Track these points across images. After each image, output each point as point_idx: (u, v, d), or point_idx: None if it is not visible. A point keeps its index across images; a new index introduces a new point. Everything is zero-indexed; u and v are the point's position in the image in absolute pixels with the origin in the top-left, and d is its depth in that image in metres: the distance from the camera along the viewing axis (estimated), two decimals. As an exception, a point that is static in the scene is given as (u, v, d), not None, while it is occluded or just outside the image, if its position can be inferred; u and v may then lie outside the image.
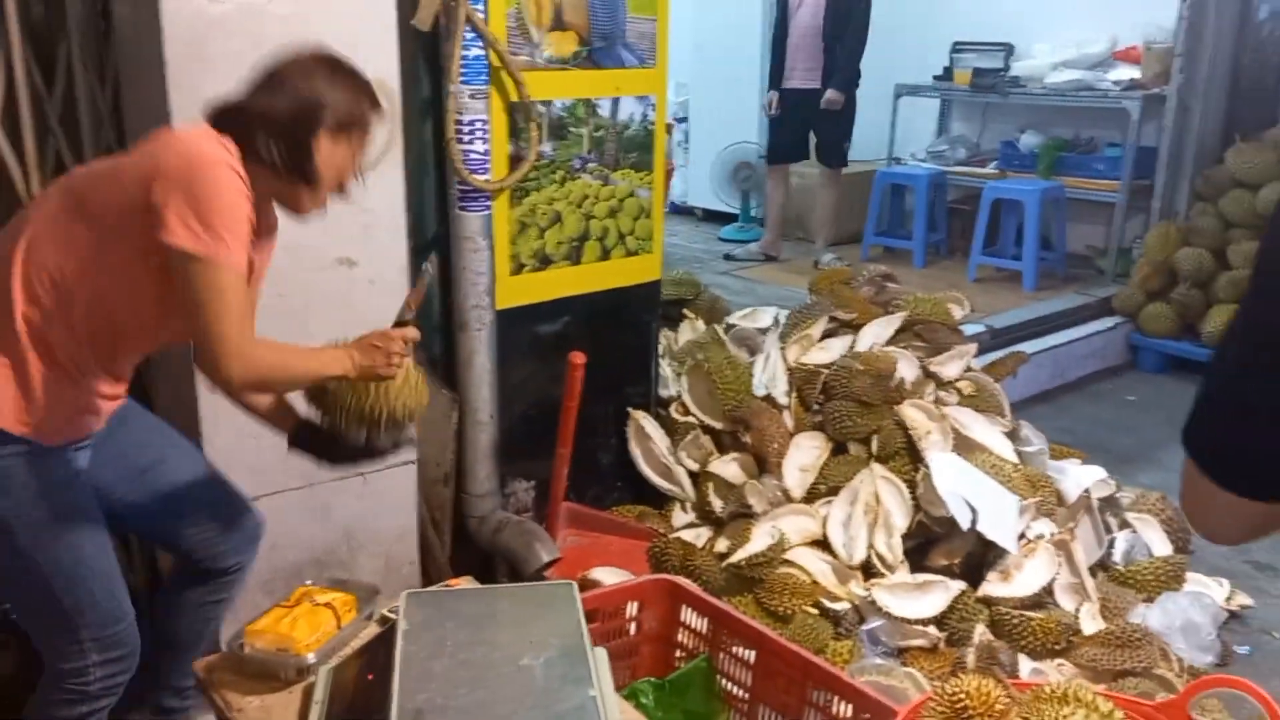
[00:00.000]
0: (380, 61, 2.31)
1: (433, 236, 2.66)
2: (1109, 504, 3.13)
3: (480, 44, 2.46)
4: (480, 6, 2.44)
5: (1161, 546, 3.02)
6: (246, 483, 2.26)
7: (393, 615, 1.81)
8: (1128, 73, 5.58)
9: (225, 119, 1.67)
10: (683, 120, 7.40)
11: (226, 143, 1.62)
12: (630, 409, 3.05)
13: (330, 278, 2.34)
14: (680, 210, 7.42)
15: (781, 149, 6.00)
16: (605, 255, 2.91)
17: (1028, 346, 4.66)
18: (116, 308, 1.67)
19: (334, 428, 1.81)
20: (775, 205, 6.16)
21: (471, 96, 2.49)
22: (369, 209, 2.34)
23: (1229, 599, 2.96)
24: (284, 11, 2.14)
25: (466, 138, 2.51)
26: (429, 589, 1.98)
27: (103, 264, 1.64)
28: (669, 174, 6.61)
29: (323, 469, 1.95)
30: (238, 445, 2.29)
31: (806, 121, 5.79)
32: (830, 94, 5.57)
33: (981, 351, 4.36)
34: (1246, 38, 5.33)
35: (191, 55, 2.05)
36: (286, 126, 1.65)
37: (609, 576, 2.54)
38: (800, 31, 5.66)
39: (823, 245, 5.99)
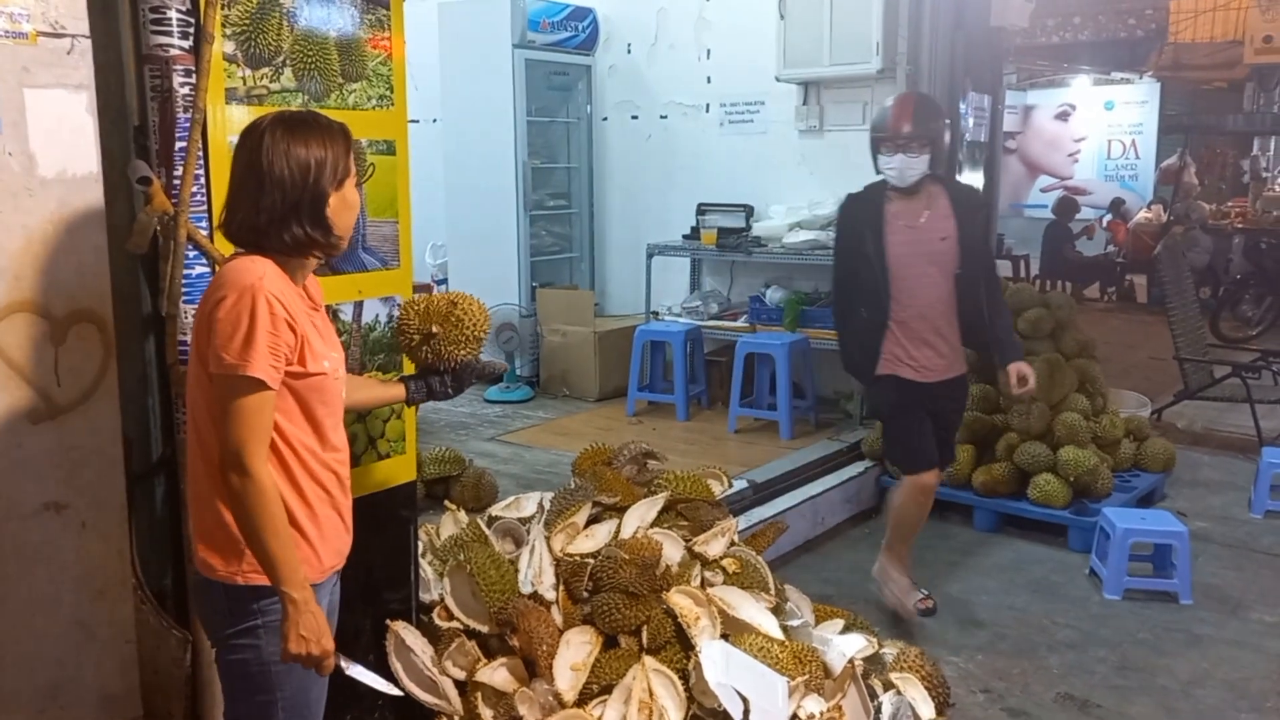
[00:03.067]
0: (90, 289, 2.15)
1: (158, 460, 2.45)
2: (873, 662, 3.21)
3: (205, 261, 2.34)
4: (204, 224, 2.33)
5: (925, 706, 3.11)
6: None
7: None
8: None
9: (244, 240, 1.85)
10: (442, 282, 7.38)
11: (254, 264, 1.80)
12: (389, 620, 2.89)
13: (33, 526, 2.11)
14: (445, 371, 7.32)
15: (926, 453, 3.89)
16: (356, 462, 2.78)
17: (787, 499, 4.83)
18: None
19: (452, 363, 2.28)
20: (908, 525, 4.02)
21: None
22: (75, 445, 2.14)
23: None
24: (-29, 247, 1.96)
25: (193, 358, 2.35)
26: None
27: None
28: (430, 339, 6.52)
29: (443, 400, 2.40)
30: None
31: (940, 415, 3.93)
32: (1021, 367, 3.84)
33: (745, 508, 4.50)
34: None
35: None
36: (302, 218, 1.81)
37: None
38: (920, 308, 3.77)
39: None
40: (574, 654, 2.85)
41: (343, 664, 1.88)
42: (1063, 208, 12.07)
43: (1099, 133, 14.29)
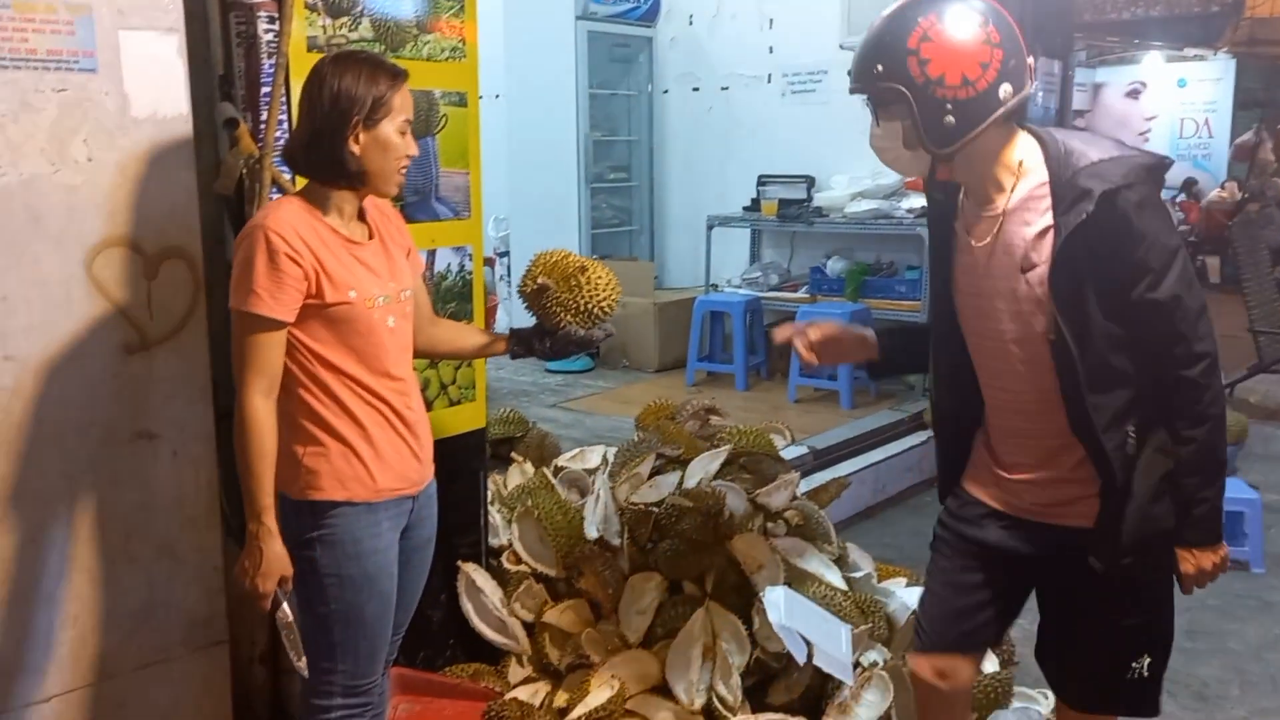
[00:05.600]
0: (181, 226, 2.24)
1: (242, 399, 2.54)
2: (936, 620, 3.22)
3: (287, 204, 2.41)
4: (286, 168, 2.40)
5: (989, 661, 3.11)
6: (31, 686, 2.07)
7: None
8: (920, 201, 6.00)
9: (289, 162, 1.97)
10: (504, 254, 7.47)
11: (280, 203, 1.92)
12: (460, 562, 2.96)
13: (127, 453, 2.20)
14: (506, 343, 7.42)
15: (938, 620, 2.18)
16: (428, 408, 2.85)
17: (849, 465, 4.83)
18: None
19: (554, 324, 2.20)
20: None
21: (280, 257, 2.42)
22: (166, 377, 2.23)
23: (1054, 710, 3.06)
24: (72, 181, 2.05)
25: (276, 298, 2.43)
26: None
27: None
28: (493, 309, 6.62)
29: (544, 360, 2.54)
30: (23, 644, 2.09)
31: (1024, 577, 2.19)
32: (1202, 561, 1.93)
33: (806, 473, 4.50)
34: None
35: (-33, 230, 1.93)
36: (323, 145, 1.87)
37: (444, 748, 2.41)
38: (994, 394, 2.04)
39: None
40: (639, 598, 2.89)
41: (279, 611, 1.93)
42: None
43: (1171, 111, 13.95)
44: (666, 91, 7.34)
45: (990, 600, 2.07)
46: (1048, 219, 1.79)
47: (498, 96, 7.18)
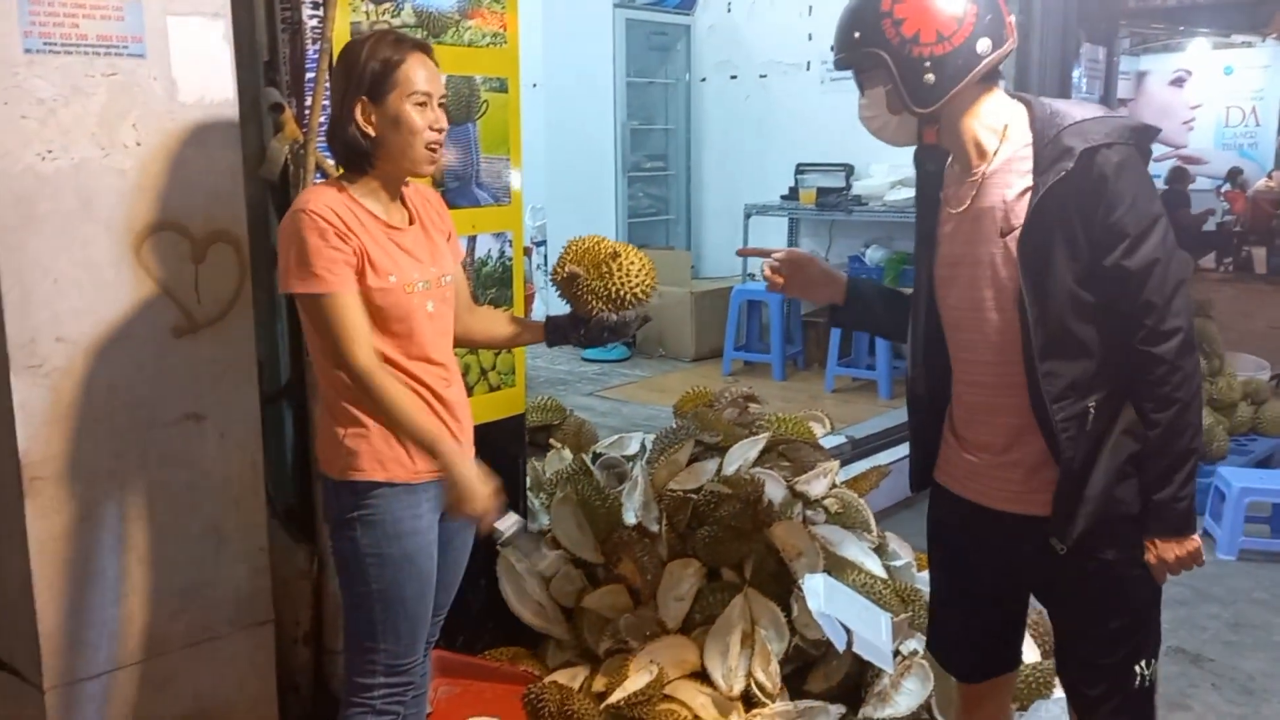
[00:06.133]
0: (227, 210, 2.26)
1: (286, 383, 2.57)
2: (976, 610, 3.19)
3: (331, 189, 2.43)
4: (330, 153, 2.42)
5: (1031, 651, 3.09)
6: (79, 661, 2.11)
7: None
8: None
9: (329, 144, 1.97)
10: (541, 244, 7.49)
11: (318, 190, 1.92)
12: (499, 546, 2.97)
13: (174, 434, 2.23)
14: (543, 332, 7.45)
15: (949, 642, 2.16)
16: (469, 392, 2.87)
17: (887, 455, 4.79)
18: None
19: (586, 311, 2.18)
20: None
21: (324, 241, 2.45)
22: (213, 359, 2.26)
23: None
24: (122, 165, 2.08)
25: (319, 282, 2.45)
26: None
27: None
28: (530, 297, 6.64)
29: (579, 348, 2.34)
30: (75, 621, 2.13)
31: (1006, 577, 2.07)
32: (1170, 551, 1.82)
33: (845, 462, 4.47)
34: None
35: (21, 215, 1.96)
36: (338, 128, 1.89)
37: (484, 730, 2.43)
38: (965, 368, 1.96)
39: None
40: (677, 584, 2.89)
41: (505, 519, 2.00)
42: (1174, 177, 11.65)
43: (1216, 99, 13.73)
44: (704, 80, 7.33)
45: (999, 618, 2.04)
46: (1028, 180, 1.74)
47: (535, 85, 7.19)
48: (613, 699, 2.55)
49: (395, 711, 2.06)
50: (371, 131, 1.88)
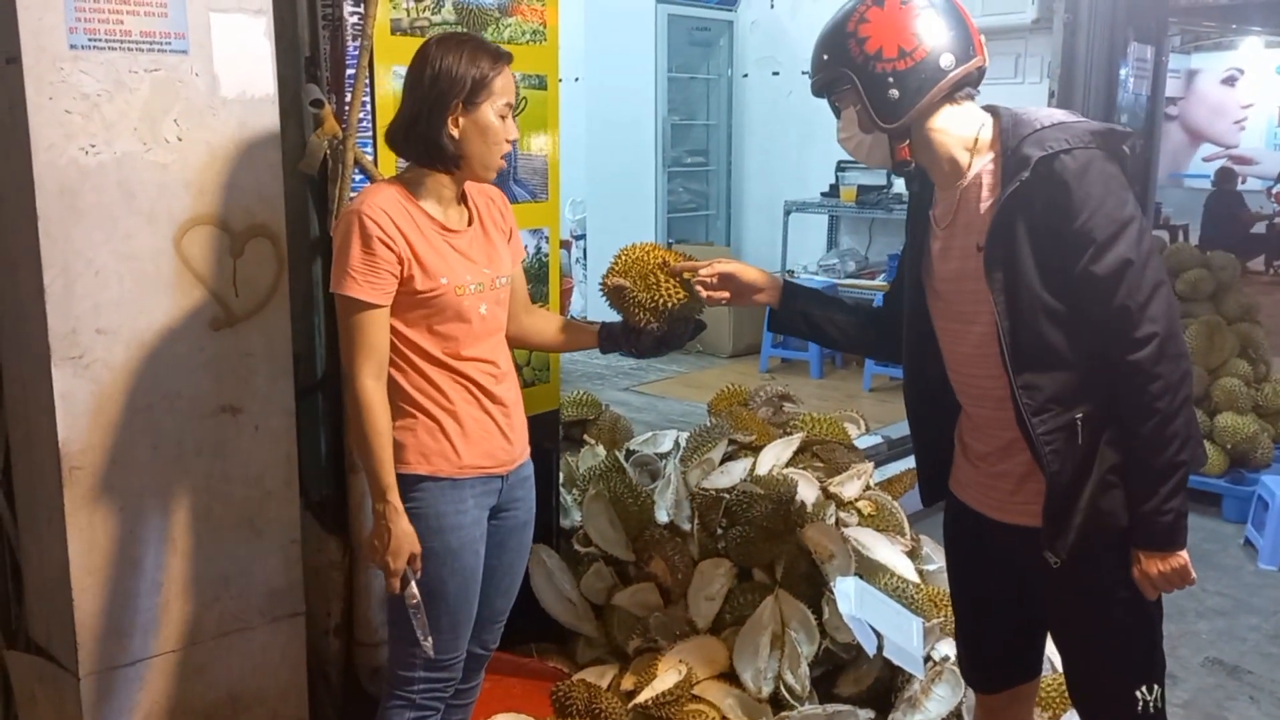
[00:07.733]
0: (266, 205, 2.28)
1: (322, 376, 2.59)
2: (1010, 617, 3.16)
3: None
4: (369, 149, 2.43)
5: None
6: (115, 649, 2.14)
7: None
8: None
9: (391, 143, 1.97)
10: (580, 237, 7.50)
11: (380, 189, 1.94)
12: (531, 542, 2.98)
13: (211, 426, 2.25)
14: (580, 325, 7.47)
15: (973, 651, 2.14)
16: (502, 388, 2.88)
17: (924, 456, 4.75)
18: None
19: (634, 322, 2.17)
20: None
21: (361, 236, 2.46)
22: (250, 353, 2.28)
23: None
24: (163, 160, 2.10)
25: (356, 277, 2.47)
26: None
27: None
28: (567, 292, 6.66)
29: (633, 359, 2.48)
30: (112, 609, 2.16)
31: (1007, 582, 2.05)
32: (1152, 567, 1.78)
33: (880, 463, 4.44)
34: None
35: (65, 206, 1.99)
36: (420, 127, 1.89)
37: (511, 725, 2.44)
38: (959, 382, 1.98)
39: None
40: (708, 584, 2.89)
41: (407, 590, 1.93)
42: (1222, 178, 11.43)
43: (1269, 98, 13.42)
44: (746, 75, 7.29)
45: (1012, 628, 2.02)
46: (997, 192, 1.75)
47: (577, 79, 7.20)
48: (641, 698, 2.55)
49: (434, 707, 2.08)
50: (456, 135, 1.89)
